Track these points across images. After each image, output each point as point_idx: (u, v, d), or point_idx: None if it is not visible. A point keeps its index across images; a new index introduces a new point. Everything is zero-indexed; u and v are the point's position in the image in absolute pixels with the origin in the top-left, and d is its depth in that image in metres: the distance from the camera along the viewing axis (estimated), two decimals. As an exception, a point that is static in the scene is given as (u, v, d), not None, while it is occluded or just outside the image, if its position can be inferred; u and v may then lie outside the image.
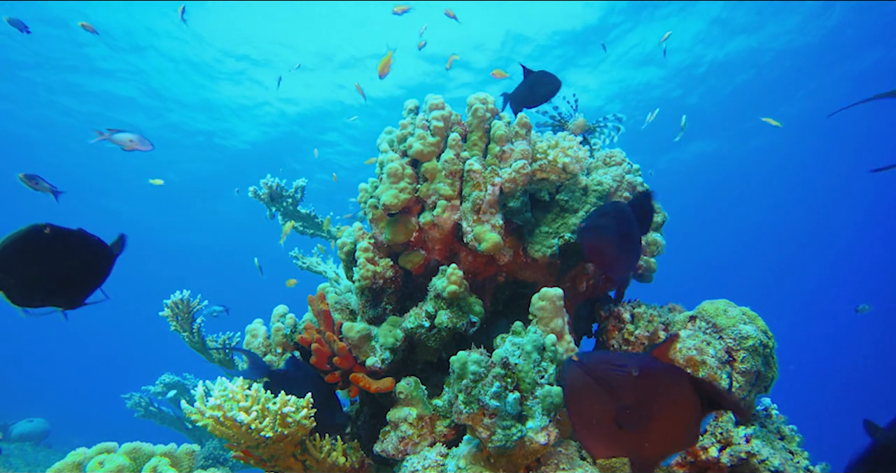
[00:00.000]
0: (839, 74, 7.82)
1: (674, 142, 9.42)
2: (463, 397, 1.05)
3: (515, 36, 6.99)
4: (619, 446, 0.68)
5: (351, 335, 1.33)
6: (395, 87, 7.93)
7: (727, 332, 1.20)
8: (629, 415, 0.67)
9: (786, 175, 11.41)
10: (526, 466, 1.08)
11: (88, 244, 0.89)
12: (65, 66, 7.48)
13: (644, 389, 0.67)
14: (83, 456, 1.20)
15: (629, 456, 0.69)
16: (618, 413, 0.67)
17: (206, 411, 1.03)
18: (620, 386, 0.66)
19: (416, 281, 1.49)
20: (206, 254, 16.06)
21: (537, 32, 6.89)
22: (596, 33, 6.85)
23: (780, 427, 1.27)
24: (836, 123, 9.10)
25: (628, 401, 0.67)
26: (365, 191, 1.49)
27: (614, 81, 7.91)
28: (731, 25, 6.80)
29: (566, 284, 1.50)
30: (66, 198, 1.97)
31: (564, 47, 7.16)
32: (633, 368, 0.66)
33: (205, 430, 1.87)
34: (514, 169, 1.34)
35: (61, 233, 0.85)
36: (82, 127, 9.01)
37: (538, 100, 1.50)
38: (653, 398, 0.67)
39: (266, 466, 1.17)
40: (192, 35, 6.99)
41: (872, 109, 8.57)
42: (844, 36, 6.98)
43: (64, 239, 0.85)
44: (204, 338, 1.95)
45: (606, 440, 0.68)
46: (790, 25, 6.82)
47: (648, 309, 1.40)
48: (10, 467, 4.12)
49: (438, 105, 1.40)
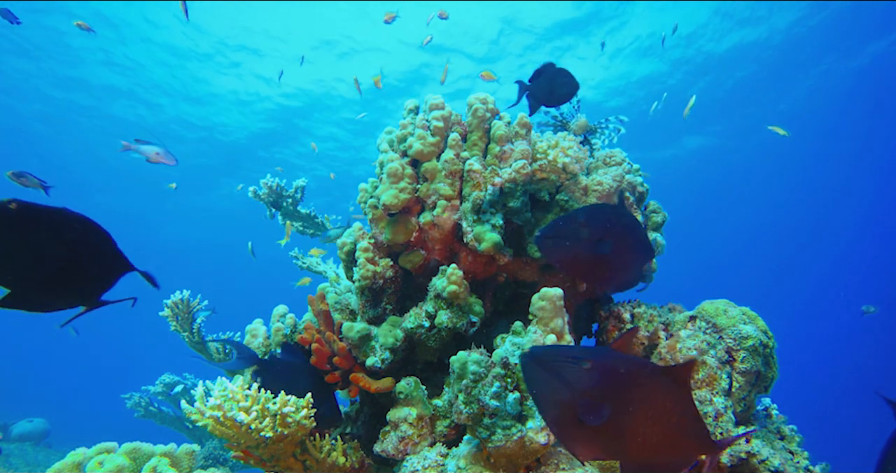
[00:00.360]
0: (840, 70, 7.81)
1: (672, 139, 9.42)
2: (463, 397, 1.05)
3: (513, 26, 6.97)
4: (599, 446, 0.65)
5: (351, 335, 1.33)
6: (393, 79, 7.87)
7: (727, 332, 1.20)
8: (589, 409, 0.64)
9: (786, 174, 11.41)
10: (526, 466, 1.08)
11: (75, 223, 0.75)
12: (55, 58, 7.45)
13: (602, 382, 0.64)
14: (83, 456, 1.20)
15: (616, 459, 0.67)
16: (578, 407, 0.64)
17: (206, 411, 1.03)
18: (575, 379, 0.64)
19: (416, 281, 1.49)
20: (207, 254, 16.06)
21: (533, 24, 6.87)
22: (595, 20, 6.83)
23: (780, 427, 1.27)
24: (836, 123, 9.10)
25: (586, 395, 0.64)
26: (365, 190, 1.49)
27: (613, 77, 7.90)
28: (734, 17, 6.79)
29: (566, 284, 1.50)
30: (60, 193, 1.95)
31: (563, 37, 7.15)
32: (585, 360, 0.64)
33: (205, 430, 1.87)
34: (514, 169, 1.34)
35: (33, 209, 0.71)
36: (78, 119, 8.98)
37: (557, 101, 1.44)
38: (615, 392, 0.64)
39: (266, 466, 1.17)
40: (192, 27, 6.99)
41: (871, 109, 8.58)
42: (843, 30, 6.98)
43: (39, 217, 0.71)
44: (204, 338, 1.95)
45: (582, 439, 0.65)
46: (790, 19, 6.82)
47: (648, 309, 1.40)
48: (10, 467, 4.12)
49: (438, 105, 1.40)
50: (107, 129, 9.37)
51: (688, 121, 8.91)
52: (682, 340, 1.22)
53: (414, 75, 7.74)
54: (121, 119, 9.10)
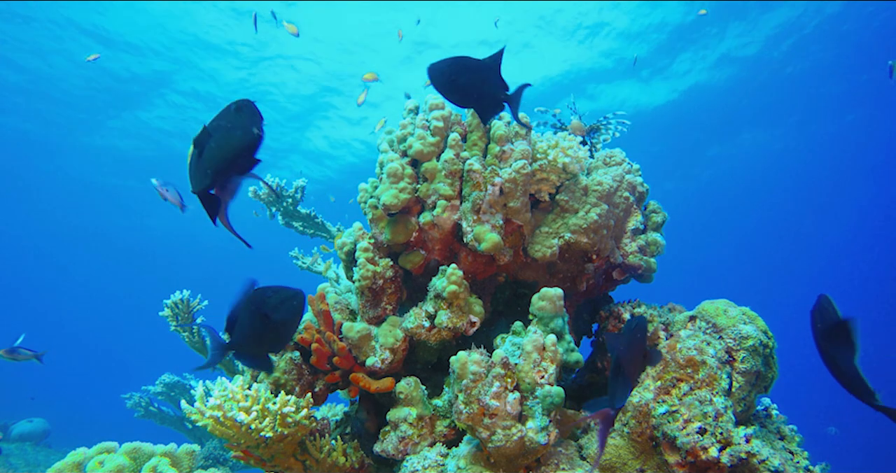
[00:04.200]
0: (839, 71, 7.82)
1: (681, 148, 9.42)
2: (463, 397, 1.05)
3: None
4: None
5: (351, 335, 1.33)
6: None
7: (727, 332, 1.20)
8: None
9: (785, 173, 11.41)
10: (526, 466, 1.08)
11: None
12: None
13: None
14: (83, 456, 1.20)
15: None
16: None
17: (206, 411, 1.03)
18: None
19: (416, 281, 1.49)
20: (207, 253, 16.05)
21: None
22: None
23: (780, 427, 1.27)
24: (836, 121, 9.11)
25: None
26: (365, 191, 1.49)
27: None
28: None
29: (566, 284, 1.50)
30: (58, 191, 1.95)
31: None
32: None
33: (205, 430, 1.87)
34: (514, 169, 1.34)
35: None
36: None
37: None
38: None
39: (266, 466, 1.17)
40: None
41: (872, 107, 8.58)
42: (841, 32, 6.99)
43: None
44: (204, 338, 1.95)
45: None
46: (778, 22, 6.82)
47: (648, 309, 1.40)
48: (10, 467, 4.12)
49: (438, 105, 1.40)
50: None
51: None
52: (682, 340, 1.22)
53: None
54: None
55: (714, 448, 1.05)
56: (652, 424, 1.13)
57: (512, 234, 1.42)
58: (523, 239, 1.43)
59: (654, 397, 1.15)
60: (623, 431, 1.17)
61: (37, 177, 11.03)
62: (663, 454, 1.10)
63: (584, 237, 1.39)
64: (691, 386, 1.14)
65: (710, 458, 1.04)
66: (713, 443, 1.06)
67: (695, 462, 1.06)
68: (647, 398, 1.16)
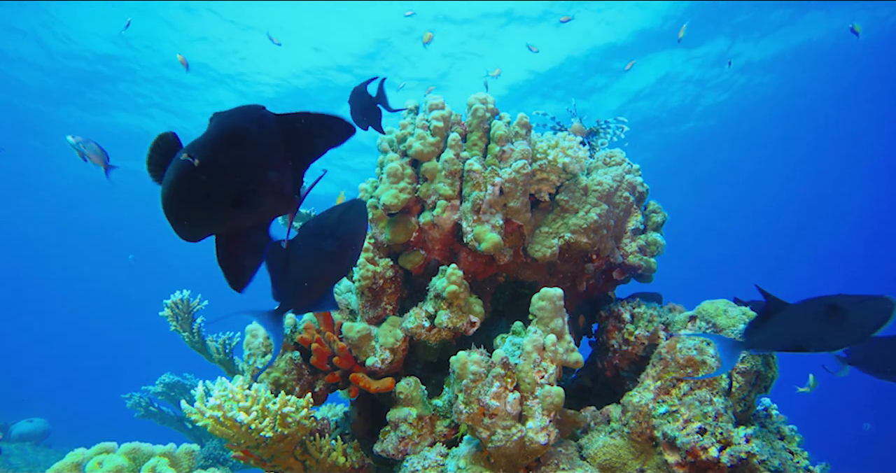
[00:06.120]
0: (839, 72, 7.82)
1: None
2: (463, 397, 1.05)
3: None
4: None
5: (351, 335, 1.33)
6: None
7: (727, 332, 1.20)
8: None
9: (784, 174, 11.41)
10: (526, 466, 1.08)
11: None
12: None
13: None
14: (83, 456, 1.20)
15: None
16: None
17: (206, 411, 1.03)
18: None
19: (416, 281, 1.49)
20: (207, 253, 16.04)
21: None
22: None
23: (780, 427, 1.28)
24: (836, 121, 9.11)
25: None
26: (365, 191, 1.49)
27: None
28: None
29: (566, 284, 1.50)
30: (59, 188, 1.94)
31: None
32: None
33: (205, 430, 1.87)
34: (514, 169, 1.34)
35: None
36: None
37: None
38: None
39: (266, 466, 1.17)
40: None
41: (870, 107, 8.58)
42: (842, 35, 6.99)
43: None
44: (204, 338, 1.95)
45: None
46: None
47: (648, 309, 1.40)
48: (10, 467, 4.12)
49: (438, 105, 1.40)
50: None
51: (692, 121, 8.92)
52: (683, 340, 1.22)
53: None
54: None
55: (714, 448, 1.05)
56: (652, 424, 1.13)
57: (512, 234, 1.42)
58: (523, 239, 1.43)
59: (654, 397, 1.15)
60: (623, 431, 1.17)
61: (37, 174, 11.03)
62: (663, 454, 1.10)
63: (584, 237, 1.39)
64: (691, 385, 1.14)
65: (709, 458, 1.04)
66: (713, 443, 1.06)
67: (695, 462, 1.06)
68: (647, 398, 1.16)
